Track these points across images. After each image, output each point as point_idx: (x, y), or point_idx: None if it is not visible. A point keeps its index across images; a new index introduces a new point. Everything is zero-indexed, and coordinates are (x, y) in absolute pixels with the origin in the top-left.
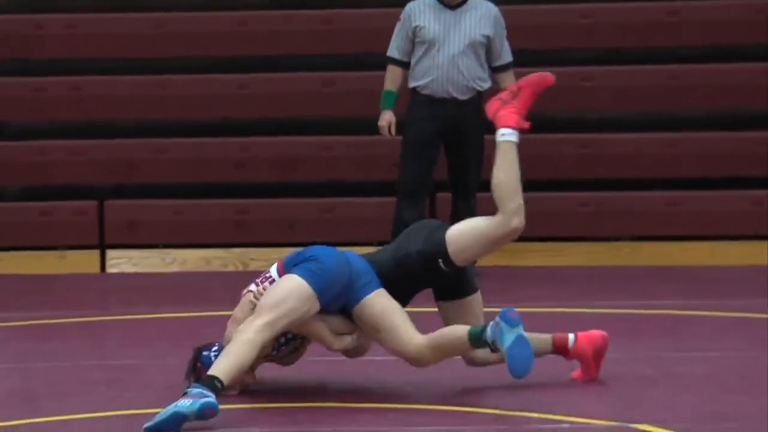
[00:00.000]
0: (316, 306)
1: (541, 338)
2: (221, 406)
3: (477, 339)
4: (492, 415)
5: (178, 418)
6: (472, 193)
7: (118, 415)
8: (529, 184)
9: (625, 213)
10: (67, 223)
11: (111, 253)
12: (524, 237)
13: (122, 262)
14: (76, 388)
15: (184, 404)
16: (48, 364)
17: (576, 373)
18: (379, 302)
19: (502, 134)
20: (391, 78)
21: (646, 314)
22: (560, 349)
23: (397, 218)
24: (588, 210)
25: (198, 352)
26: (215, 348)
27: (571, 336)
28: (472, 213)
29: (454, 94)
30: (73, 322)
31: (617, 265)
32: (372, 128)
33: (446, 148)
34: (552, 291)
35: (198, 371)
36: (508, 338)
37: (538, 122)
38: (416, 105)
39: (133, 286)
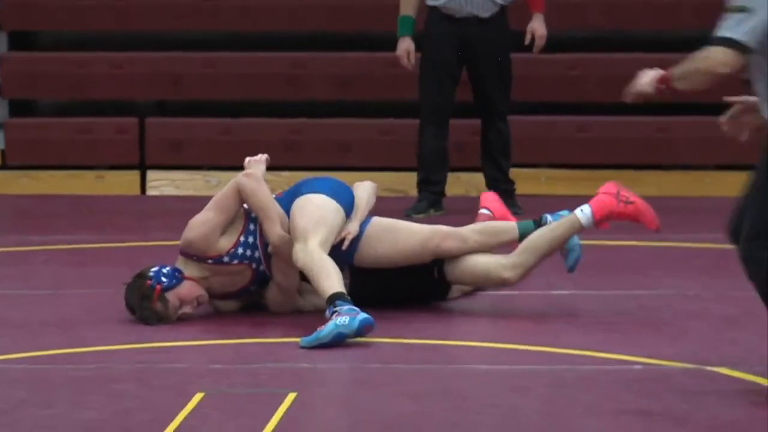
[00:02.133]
0: (344, 218)
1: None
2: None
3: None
4: (562, 355)
5: (340, 338)
6: (501, 118)
7: (161, 347)
8: (598, 107)
9: (706, 139)
10: (106, 141)
11: (152, 174)
12: (595, 164)
13: (164, 183)
14: (114, 317)
15: (342, 323)
16: (86, 291)
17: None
18: (386, 220)
19: (582, 210)
20: (406, 1)
21: (728, 249)
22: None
23: (420, 142)
24: (665, 136)
25: (141, 277)
26: (155, 269)
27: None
28: (504, 139)
29: (475, 12)
30: (112, 247)
31: (696, 196)
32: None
33: (469, 70)
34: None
35: (152, 290)
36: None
37: (617, 39)
38: (435, 24)
39: (174, 209)
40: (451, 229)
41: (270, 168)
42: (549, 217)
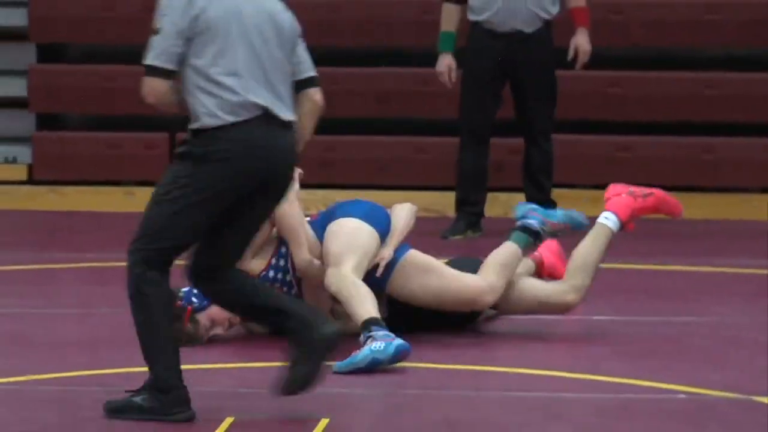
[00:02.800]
0: (379, 243)
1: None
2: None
3: (524, 239)
4: (602, 382)
5: (375, 364)
6: (545, 137)
7: (188, 370)
8: (645, 127)
9: (753, 161)
10: (135, 157)
11: None
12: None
13: None
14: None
15: (378, 349)
16: (112, 310)
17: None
18: (422, 256)
19: (606, 217)
20: (447, 17)
21: None
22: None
23: (459, 161)
24: (711, 157)
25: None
26: (185, 289)
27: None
28: (547, 159)
29: (518, 27)
30: None
31: (742, 219)
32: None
33: (511, 87)
34: (668, 246)
35: (183, 311)
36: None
37: (658, 59)
38: (476, 40)
39: None
40: (486, 282)
41: (304, 186)
42: (532, 221)
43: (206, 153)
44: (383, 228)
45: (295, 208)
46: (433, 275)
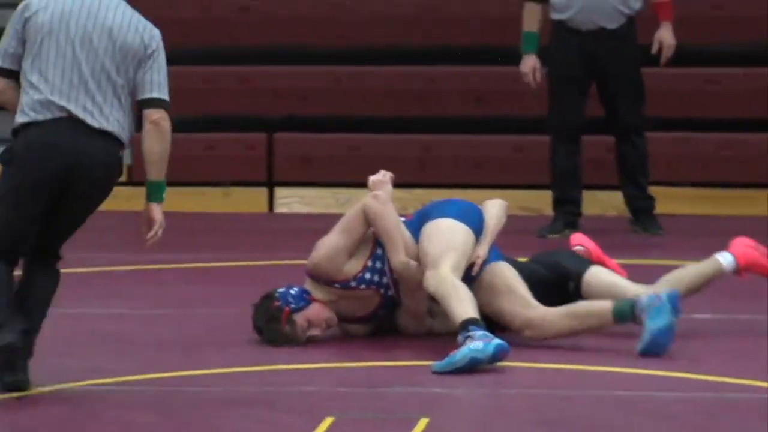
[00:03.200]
0: (474, 242)
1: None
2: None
3: (622, 312)
4: (704, 381)
5: (475, 364)
6: (636, 132)
7: (288, 369)
8: (722, 123)
9: None
10: (233, 157)
11: (280, 191)
12: (715, 182)
13: (292, 201)
14: (240, 337)
15: (477, 348)
16: (211, 311)
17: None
18: (509, 270)
19: (723, 257)
20: (530, 17)
21: None
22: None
23: (552, 161)
24: None
25: (268, 298)
26: (282, 290)
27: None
28: (641, 155)
29: (602, 24)
30: (239, 266)
31: None
32: None
33: (597, 85)
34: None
35: (281, 311)
36: (662, 320)
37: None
38: (560, 39)
39: (303, 227)
40: (541, 313)
41: (401, 185)
42: (643, 299)
43: (11, 150)
44: (477, 226)
45: (389, 209)
46: (506, 297)
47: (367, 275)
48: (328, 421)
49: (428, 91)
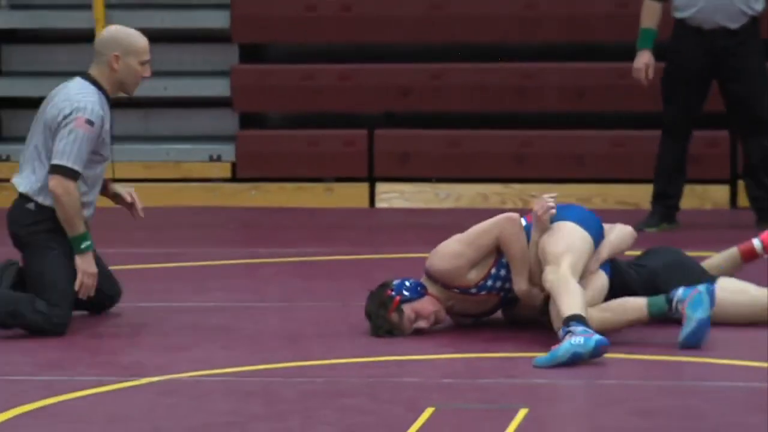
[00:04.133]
0: (593, 248)
1: (727, 256)
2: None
3: (657, 305)
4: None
5: (576, 358)
6: (761, 131)
7: (390, 360)
8: None
9: None
10: (334, 154)
11: (381, 187)
12: None
13: (393, 196)
14: (342, 330)
15: (578, 343)
16: (314, 304)
17: None
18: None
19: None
20: (649, 13)
21: None
22: (748, 255)
23: (659, 155)
24: None
25: (384, 286)
26: (398, 280)
27: (755, 241)
28: (765, 153)
29: (724, 23)
30: (341, 260)
31: None
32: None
33: (720, 84)
34: None
35: (391, 300)
36: (702, 311)
37: None
38: (681, 37)
39: (403, 222)
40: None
41: (500, 180)
42: (679, 291)
43: None
44: (597, 235)
45: (522, 234)
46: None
47: (489, 282)
48: (429, 411)
49: (527, 88)
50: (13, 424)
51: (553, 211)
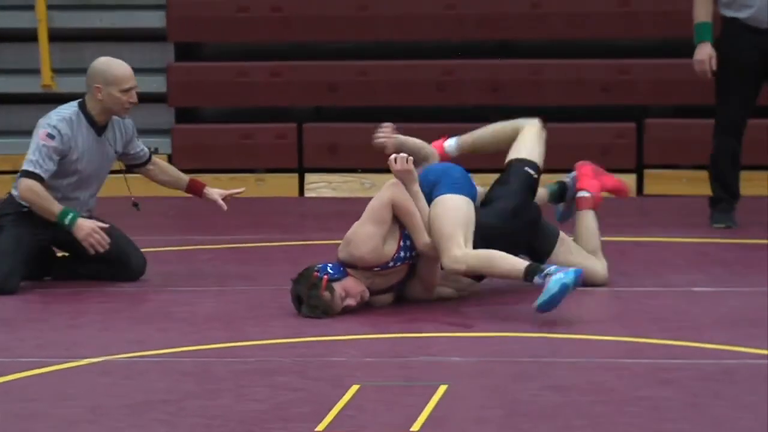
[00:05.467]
0: (473, 207)
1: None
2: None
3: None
4: (706, 349)
5: (566, 289)
6: None
7: (319, 341)
8: None
9: None
10: (266, 146)
11: (310, 177)
12: None
13: (321, 186)
14: (275, 312)
15: (561, 278)
16: (248, 287)
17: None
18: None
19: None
20: (702, 8)
21: None
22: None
23: (714, 154)
24: None
25: (308, 270)
26: (320, 264)
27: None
28: None
29: None
30: (273, 246)
31: None
32: (577, 52)
33: None
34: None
35: (320, 280)
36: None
37: None
38: (734, 36)
39: (331, 210)
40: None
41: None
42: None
43: None
44: (472, 192)
45: (406, 195)
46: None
47: (402, 254)
48: (354, 388)
49: (447, 83)
50: None
51: (410, 166)
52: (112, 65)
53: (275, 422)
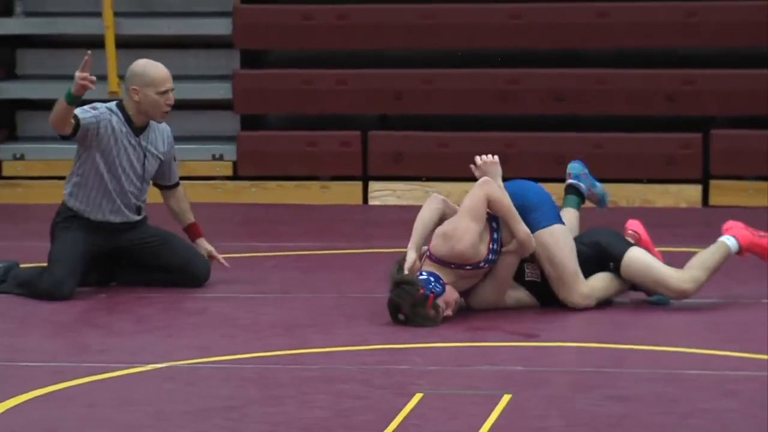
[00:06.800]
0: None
1: None
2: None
3: (576, 202)
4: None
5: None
6: None
7: (382, 349)
8: None
9: None
10: (331, 154)
11: (374, 185)
12: None
13: (385, 194)
14: (338, 320)
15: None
16: (311, 295)
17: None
18: (562, 236)
19: (727, 238)
20: None
21: None
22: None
23: None
24: None
25: (410, 284)
26: (422, 277)
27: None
28: None
29: None
30: (336, 254)
31: None
32: (643, 62)
33: None
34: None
35: (426, 298)
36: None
37: None
38: None
39: (395, 218)
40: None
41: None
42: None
43: None
44: (558, 217)
45: (500, 190)
46: (555, 264)
47: (491, 256)
48: (418, 396)
49: (511, 92)
50: (26, 408)
51: (496, 159)
52: (149, 67)
53: (338, 430)
